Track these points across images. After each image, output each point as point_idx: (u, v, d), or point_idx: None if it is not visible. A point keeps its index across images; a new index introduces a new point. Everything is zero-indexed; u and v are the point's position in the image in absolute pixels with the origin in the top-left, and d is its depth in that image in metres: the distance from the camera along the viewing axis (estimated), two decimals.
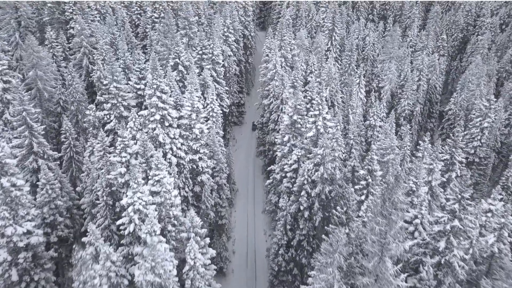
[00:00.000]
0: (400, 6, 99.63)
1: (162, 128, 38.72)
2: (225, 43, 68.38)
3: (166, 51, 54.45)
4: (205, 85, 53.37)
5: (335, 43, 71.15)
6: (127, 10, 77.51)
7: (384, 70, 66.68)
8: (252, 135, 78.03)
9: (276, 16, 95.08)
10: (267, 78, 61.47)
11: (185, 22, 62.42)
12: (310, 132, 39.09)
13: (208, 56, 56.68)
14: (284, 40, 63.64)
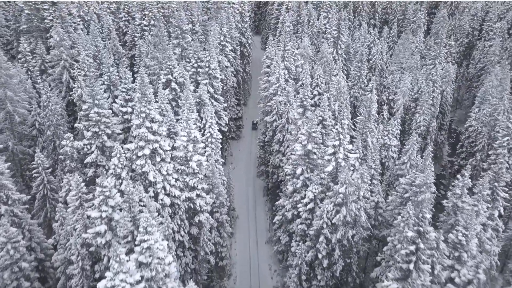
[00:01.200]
0: (403, 10, 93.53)
1: (152, 164, 31.74)
2: (221, 53, 61.44)
3: (157, 65, 47.35)
4: (201, 103, 46.45)
5: (340, 51, 64.65)
6: (113, 17, 70.08)
7: (395, 81, 60.34)
8: (251, 150, 71.28)
9: (274, 21, 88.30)
10: (269, 93, 54.67)
11: (177, 31, 55.31)
12: (329, 166, 32.41)
13: (205, 70, 49.71)
14: (287, 50, 56.91)
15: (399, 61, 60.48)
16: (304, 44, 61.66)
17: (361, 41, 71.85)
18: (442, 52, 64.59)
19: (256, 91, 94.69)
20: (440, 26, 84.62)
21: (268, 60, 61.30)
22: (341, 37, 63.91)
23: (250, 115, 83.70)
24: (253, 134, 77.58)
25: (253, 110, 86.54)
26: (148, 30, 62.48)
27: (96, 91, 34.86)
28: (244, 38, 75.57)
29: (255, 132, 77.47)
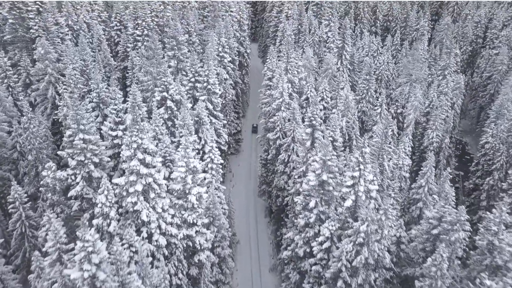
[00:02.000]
0: (405, 17, 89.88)
1: (146, 201, 27.22)
2: (220, 64, 57.07)
3: (151, 80, 42.83)
4: (199, 121, 41.95)
5: (345, 62, 60.57)
6: (104, 26, 65.43)
7: (403, 94, 56.34)
8: (250, 163, 66.95)
9: (273, 29, 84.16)
10: (271, 108, 50.36)
11: (173, 42, 50.90)
12: (348, 200, 28.09)
13: (203, 85, 45.27)
14: (290, 62, 52.66)
15: (408, 73, 56.50)
16: (307, 55, 57.48)
17: (365, 51, 67.89)
18: (452, 62, 60.77)
19: (254, 101, 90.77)
20: (444, 34, 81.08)
21: (269, 72, 57.09)
22: (345, 47, 59.86)
23: (249, 127, 79.46)
24: (253, 138, 75.01)
25: (251, 121, 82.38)
26: (142, 40, 57.94)
27: (81, 114, 30.30)
28: (242, 47, 71.28)
29: (255, 136, 74.81)
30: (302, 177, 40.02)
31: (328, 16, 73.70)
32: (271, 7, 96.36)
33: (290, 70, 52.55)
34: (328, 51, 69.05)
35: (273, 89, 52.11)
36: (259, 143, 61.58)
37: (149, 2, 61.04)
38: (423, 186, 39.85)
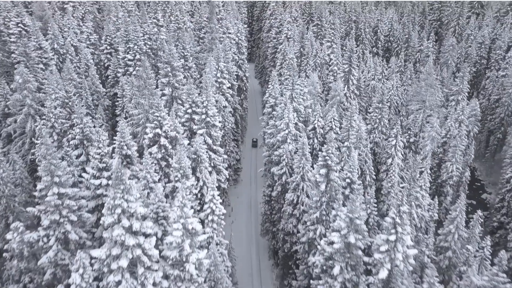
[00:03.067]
0: (406, 38, 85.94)
1: (133, 277, 21.34)
2: (218, 91, 51.84)
3: (142, 113, 37.26)
4: (197, 159, 36.37)
5: (352, 87, 55.68)
6: (94, 49, 60.03)
7: (416, 122, 51.43)
8: (251, 194, 61.26)
9: (272, 50, 79.49)
10: (276, 140, 44.98)
11: (167, 68, 45.62)
12: (383, 271, 22.46)
13: (201, 117, 39.80)
14: (295, 89, 47.56)
15: (421, 99, 51.71)
16: (312, 81, 52.53)
17: (371, 74, 63.22)
18: (465, 87, 56.18)
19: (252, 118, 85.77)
20: (450, 55, 77.03)
21: (271, 99, 51.96)
22: (352, 71, 55.04)
23: (248, 153, 74.02)
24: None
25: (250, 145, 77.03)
26: (133, 65, 52.57)
27: (56, 164, 24.54)
28: (241, 70, 66.29)
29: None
30: (315, 224, 34.49)
31: (330, 37, 69.17)
32: (268, 27, 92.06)
33: (295, 98, 47.41)
34: (331, 74, 64.42)
35: (277, 119, 46.85)
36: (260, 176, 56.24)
37: (142, 24, 55.90)
38: (452, 232, 34.57)
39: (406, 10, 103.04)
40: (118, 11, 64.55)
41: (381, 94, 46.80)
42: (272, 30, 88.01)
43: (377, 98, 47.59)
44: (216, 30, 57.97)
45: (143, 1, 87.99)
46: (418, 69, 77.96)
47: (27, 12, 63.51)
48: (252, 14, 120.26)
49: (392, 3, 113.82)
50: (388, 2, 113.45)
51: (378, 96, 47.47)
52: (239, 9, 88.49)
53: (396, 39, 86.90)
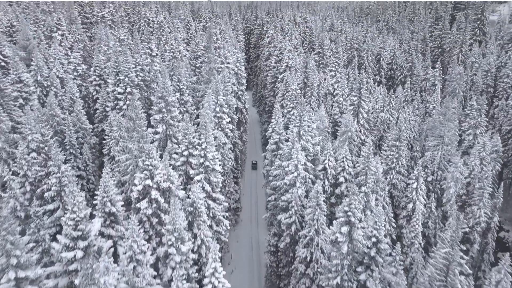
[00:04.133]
0: (410, 66, 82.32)
1: None
2: (217, 127, 46.70)
3: (131, 159, 31.76)
4: (194, 212, 30.74)
5: (362, 121, 50.85)
6: (81, 81, 55.00)
7: (434, 159, 46.39)
8: (252, 235, 55.36)
9: (272, 79, 75.08)
10: (283, 183, 39.56)
11: (161, 103, 40.54)
12: None
13: (199, 161, 34.35)
14: (303, 126, 42.54)
15: (438, 134, 46.86)
16: (320, 115, 47.69)
17: (380, 105, 58.65)
18: (483, 120, 51.69)
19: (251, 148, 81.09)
20: (457, 84, 73.09)
21: (275, 135, 46.81)
22: (362, 104, 50.35)
23: (247, 190, 68.44)
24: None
25: (249, 179, 71.68)
26: (124, 99, 47.42)
27: (14, 242, 18.78)
28: (240, 102, 61.51)
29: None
30: None
31: (333, 66, 65.03)
32: (267, 55, 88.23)
33: (303, 136, 42.30)
34: (336, 106, 59.79)
35: (283, 158, 41.56)
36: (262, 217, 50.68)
37: (134, 54, 51.16)
38: None
39: (405, 37, 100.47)
40: (109, 40, 60.00)
41: (398, 130, 41.87)
42: (271, 58, 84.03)
43: (393, 135, 42.63)
44: (214, 60, 53.38)
45: (138, 29, 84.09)
46: (424, 98, 73.85)
47: (11, 42, 58.78)
48: (249, 41, 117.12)
49: (391, 29, 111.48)
50: (387, 28, 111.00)
51: (394, 132, 42.52)
52: (237, 36, 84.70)
53: (399, 67, 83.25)
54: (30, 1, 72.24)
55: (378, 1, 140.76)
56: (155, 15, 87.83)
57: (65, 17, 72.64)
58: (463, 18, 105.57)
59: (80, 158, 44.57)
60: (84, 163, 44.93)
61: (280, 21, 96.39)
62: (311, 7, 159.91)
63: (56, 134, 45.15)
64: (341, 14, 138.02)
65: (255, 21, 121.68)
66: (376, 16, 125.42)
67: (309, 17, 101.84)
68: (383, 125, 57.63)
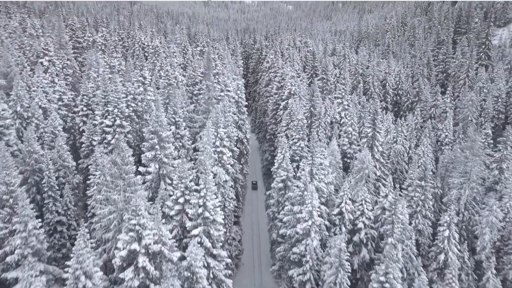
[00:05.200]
0: (417, 91, 78.01)
1: None
2: (218, 163, 41.10)
3: (115, 213, 25.90)
4: (191, 278, 24.75)
5: (377, 155, 45.53)
6: (67, 111, 49.55)
7: (460, 198, 40.94)
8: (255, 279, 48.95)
9: (273, 106, 70.10)
10: (294, 231, 33.80)
11: (154, 139, 35.05)
12: None
13: (197, 211, 28.57)
14: (315, 163, 37.08)
15: (464, 171, 41.58)
16: (332, 149, 42.41)
17: (393, 135, 53.55)
18: (510, 153, 46.60)
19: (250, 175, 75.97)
20: (469, 111, 68.58)
21: (282, 172, 41.31)
22: (377, 136, 45.17)
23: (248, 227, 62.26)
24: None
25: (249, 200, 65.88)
26: (112, 132, 41.89)
27: None
28: (241, 132, 56.21)
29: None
30: None
31: (340, 93, 60.33)
32: (267, 81, 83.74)
33: (316, 175, 36.77)
34: (345, 136, 54.66)
35: (293, 201, 35.87)
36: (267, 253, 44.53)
37: (125, 82, 45.95)
38: None
39: (407, 62, 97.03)
40: (99, 66, 54.95)
41: (423, 169, 36.51)
42: (271, 84, 79.52)
43: (417, 174, 37.23)
44: (213, 88, 48.33)
45: (132, 54, 79.47)
46: (435, 125, 69.14)
47: None
48: (247, 66, 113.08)
49: (392, 53, 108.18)
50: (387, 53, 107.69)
51: (418, 171, 37.16)
52: (236, 62, 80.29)
53: (405, 93, 78.93)
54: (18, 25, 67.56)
55: (376, 25, 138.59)
56: (150, 39, 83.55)
57: (54, 41, 67.85)
58: (465, 42, 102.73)
59: (61, 201, 38.60)
60: (64, 206, 38.89)
61: (280, 46, 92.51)
62: (308, 31, 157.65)
63: (34, 173, 39.31)
64: (339, 38, 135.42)
65: (253, 45, 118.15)
66: (376, 40, 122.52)
67: (310, 41, 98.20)
68: (396, 157, 52.45)
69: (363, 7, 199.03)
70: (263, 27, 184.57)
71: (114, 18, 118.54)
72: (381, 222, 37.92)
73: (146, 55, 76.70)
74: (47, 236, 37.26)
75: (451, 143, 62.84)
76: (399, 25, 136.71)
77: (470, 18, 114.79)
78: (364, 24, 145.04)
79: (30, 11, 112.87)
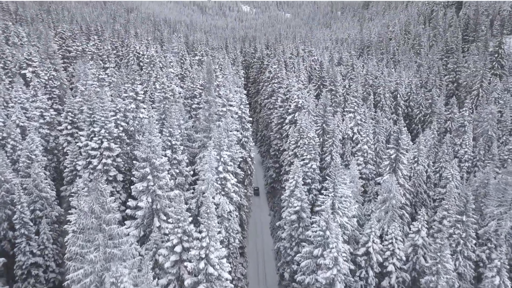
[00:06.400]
0: (430, 103, 72.45)
1: None
2: (221, 191, 35.04)
3: (92, 275, 19.70)
4: None
5: (401, 180, 39.58)
6: (50, 129, 43.45)
7: (499, 230, 35.03)
8: None
9: (278, 121, 64.19)
10: (314, 279, 27.74)
11: (145, 168, 29.06)
12: None
13: (198, 266, 22.44)
14: (337, 194, 31.11)
15: (503, 199, 35.77)
16: (353, 175, 36.48)
17: (412, 155, 47.68)
18: None
19: None
20: (489, 125, 63.01)
21: (296, 201, 35.32)
22: (401, 159, 39.27)
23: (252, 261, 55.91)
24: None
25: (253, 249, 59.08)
26: (99, 156, 35.80)
27: None
28: (245, 151, 50.20)
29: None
30: None
31: (352, 106, 54.61)
32: (270, 92, 78.01)
33: (339, 209, 30.79)
34: (360, 155, 48.92)
35: (314, 242, 29.82)
36: None
37: (114, 98, 39.96)
38: None
39: (413, 70, 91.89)
40: (87, 78, 48.97)
41: (465, 201, 30.64)
42: (275, 95, 73.88)
43: (457, 207, 31.35)
44: (214, 104, 42.44)
45: (126, 64, 73.66)
46: (451, 140, 63.48)
47: None
48: (248, 76, 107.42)
49: (397, 62, 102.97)
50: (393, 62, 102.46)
51: (459, 204, 31.27)
52: (238, 72, 74.58)
53: (417, 104, 73.38)
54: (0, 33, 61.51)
55: (379, 33, 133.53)
56: (146, 48, 77.75)
57: (41, 51, 61.89)
58: (475, 50, 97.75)
59: (36, 239, 32.48)
60: (41, 245, 32.80)
61: (283, 55, 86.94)
62: (308, 39, 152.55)
63: (6, 206, 33.16)
64: (340, 46, 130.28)
65: (254, 54, 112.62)
66: (380, 48, 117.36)
67: (315, 50, 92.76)
68: (418, 179, 46.61)
69: (363, 15, 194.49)
70: (261, 35, 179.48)
71: (109, 26, 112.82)
72: (413, 262, 32.00)
73: (141, 65, 70.85)
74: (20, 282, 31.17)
75: (470, 160, 57.31)
76: (402, 33, 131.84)
77: (478, 25, 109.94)
78: (366, 32, 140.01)
79: (22, 19, 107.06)
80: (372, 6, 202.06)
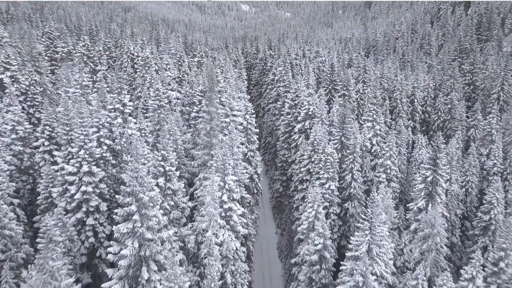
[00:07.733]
0: (449, 108, 65.70)
1: None
2: (226, 224, 28.22)
3: None
4: None
5: (440, 207, 32.69)
6: (23, 146, 36.38)
7: None
8: None
9: (285, 129, 57.23)
10: None
11: (131, 206, 22.18)
12: None
13: None
14: (375, 237, 24.25)
15: None
16: (386, 205, 29.59)
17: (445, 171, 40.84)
18: None
19: None
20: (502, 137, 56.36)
21: (317, 239, 28.55)
22: (439, 181, 32.40)
23: None
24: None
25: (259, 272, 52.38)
26: (77, 182, 28.86)
27: None
28: (251, 166, 43.34)
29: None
30: None
31: (370, 114, 47.77)
32: (275, 96, 71.11)
33: (378, 255, 23.94)
34: (382, 171, 42.22)
35: None
36: None
37: (98, 110, 32.93)
38: None
39: (424, 72, 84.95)
40: (70, 85, 41.94)
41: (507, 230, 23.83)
42: (280, 100, 67.08)
43: (502, 240, 24.45)
44: (217, 115, 35.48)
45: (120, 67, 66.61)
46: (478, 151, 56.78)
47: None
48: (250, 78, 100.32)
49: (408, 63, 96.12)
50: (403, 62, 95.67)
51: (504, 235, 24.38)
52: (240, 75, 67.60)
53: (435, 110, 66.62)
54: None
55: (385, 32, 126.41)
56: (141, 49, 70.72)
57: (23, 52, 54.81)
58: (491, 50, 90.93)
59: None
60: None
61: (288, 56, 79.92)
62: (311, 38, 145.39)
63: None
64: (345, 45, 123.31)
65: (256, 54, 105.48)
66: (387, 48, 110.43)
67: (322, 51, 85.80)
68: (452, 202, 39.86)
69: (366, 14, 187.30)
70: (261, 35, 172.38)
71: (105, 26, 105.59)
72: None
73: (136, 68, 63.87)
74: None
75: (500, 173, 50.58)
76: (409, 32, 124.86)
77: (491, 24, 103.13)
78: (371, 31, 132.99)
79: (13, 18, 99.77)
80: (375, 5, 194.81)
